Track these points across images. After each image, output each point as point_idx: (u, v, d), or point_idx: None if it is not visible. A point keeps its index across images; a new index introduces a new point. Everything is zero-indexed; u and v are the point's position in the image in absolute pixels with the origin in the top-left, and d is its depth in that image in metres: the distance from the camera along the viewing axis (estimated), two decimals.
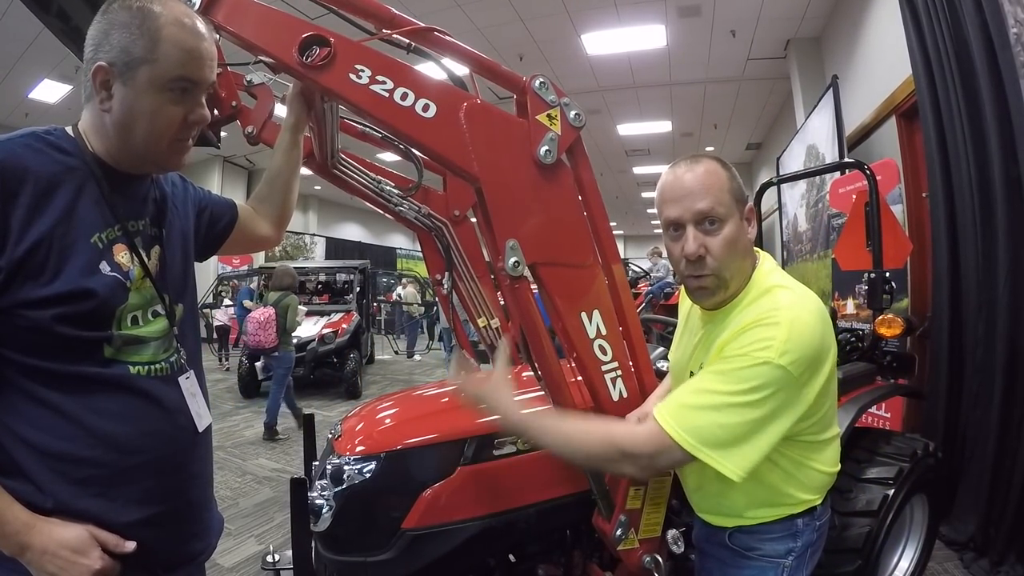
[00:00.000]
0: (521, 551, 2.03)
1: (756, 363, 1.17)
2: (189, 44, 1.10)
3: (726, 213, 1.30)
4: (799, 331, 1.19)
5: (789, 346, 1.16)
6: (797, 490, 1.39)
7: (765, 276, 1.36)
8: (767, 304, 1.26)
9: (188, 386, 1.24)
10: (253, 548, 3.63)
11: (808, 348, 1.19)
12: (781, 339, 1.17)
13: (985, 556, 3.11)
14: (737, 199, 1.32)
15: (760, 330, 1.20)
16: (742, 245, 1.33)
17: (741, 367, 1.18)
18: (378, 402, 2.28)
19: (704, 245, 1.30)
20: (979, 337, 3.30)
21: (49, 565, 1.00)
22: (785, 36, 7.50)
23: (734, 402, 1.17)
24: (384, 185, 2.51)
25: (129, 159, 1.15)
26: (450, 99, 1.33)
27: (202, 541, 1.30)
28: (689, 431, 1.19)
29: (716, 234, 1.30)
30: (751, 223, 1.36)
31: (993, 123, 3.10)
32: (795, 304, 1.24)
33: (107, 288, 1.08)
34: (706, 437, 1.18)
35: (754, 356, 1.17)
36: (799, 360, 1.17)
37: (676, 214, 1.34)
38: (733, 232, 1.30)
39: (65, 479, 1.05)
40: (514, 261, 1.34)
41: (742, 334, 1.23)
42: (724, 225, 1.30)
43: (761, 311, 1.25)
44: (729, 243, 1.30)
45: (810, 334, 1.20)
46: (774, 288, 1.30)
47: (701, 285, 1.35)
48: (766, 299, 1.28)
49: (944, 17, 3.49)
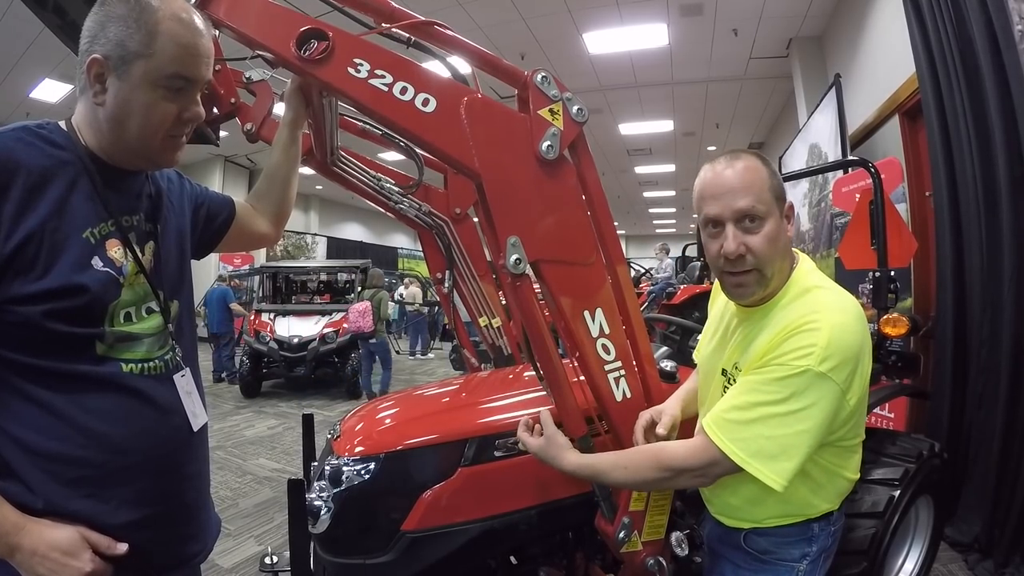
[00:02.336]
0: (522, 553, 2.01)
1: (797, 372, 1.17)
2: (186, 40, 1.08)
3: (767, 211, 1.27)
4: (839, 336, 1.18)
5: (830, 351, 1.16)
6: (821, 499, 1.40)
7: (804, 276, 1.34)
8: (807, 306, 1.25)
9: (184, 384, 1.22)
10: (253, 549, 3.61)
11: (849, 351, 1.18)
12: (821, 345, 1.16)
13: (990, 557, 3.09)
14: (777, 196, 1.30)
15: (800, 337, 1.19)
16: (782, 243, 1.31)
17: (783, 376, 1.18)
18: (378, 402, 2.26)
19: (744, 243, 1.27)
20: (984, 337, 3.28)
21: (39, 567, 0.98)
22: (787, 35, 7.48)
23: (779, 412, 1.18)
24: (385, 183, 2.50)
25: (122, 154, 1.13)
26: (450, 94, 1.31)
27: (198, 543, 1.28)
28: (737, 443, 1.21)
29: (756, 232, 1.27)
30: (790, 221, 1.34)
31: (998, 121, 3.08)
32: (835, 306, 1.23)
33: (99, 284, 1.06)
34: (753, 449, 1.20)
35: (794, 365, 1.17)
36: (840, 365, 1.16)
37: (716, 211, 1.30)
38: (773, 230, 1.28)
39: (56, 479, 1.03)
40: (516, 258, 1.32)
41: (783, 341, 1.22)
42: (764, 223, 1.27)
43: (801, 313, 1.23)
44: (770, 241, 1.27)
45: (851, 338, 1.19)
46: (813, 289, 1.30)
47: (740, 283, 1.33)
48: (806, 300, 1.28)
49: (948, 14, 3.47)
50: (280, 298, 10.40)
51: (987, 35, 3.11)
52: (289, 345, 8.31)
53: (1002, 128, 3.05)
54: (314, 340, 8.41)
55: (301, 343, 8.33)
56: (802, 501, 1.38)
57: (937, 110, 3.69)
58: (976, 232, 3.34)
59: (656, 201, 20.48)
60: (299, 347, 8.31)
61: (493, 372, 3.14)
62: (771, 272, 1.30)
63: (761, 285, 1.31)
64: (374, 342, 8.22)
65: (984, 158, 3.24)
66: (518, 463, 1.86)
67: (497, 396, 2.20)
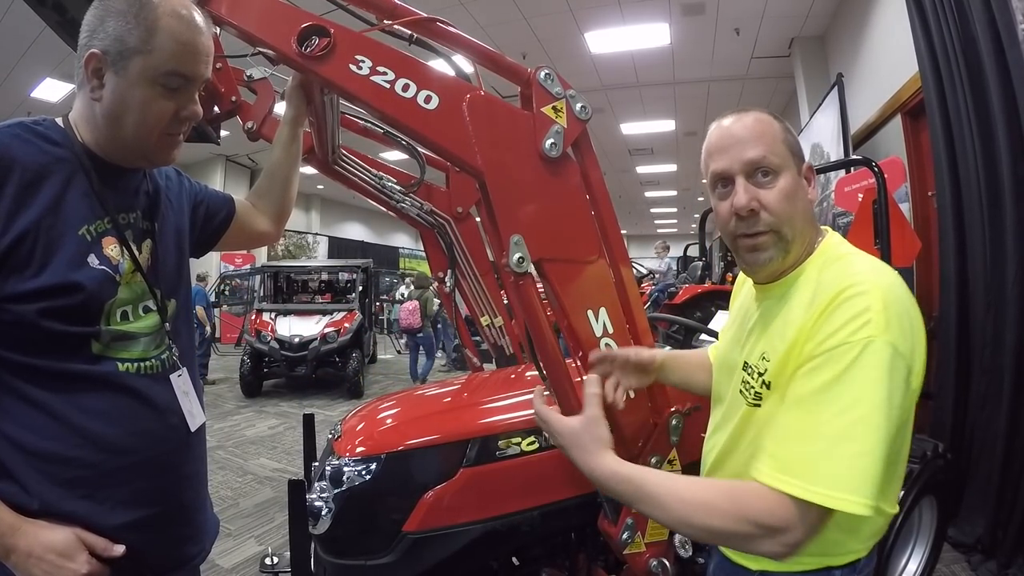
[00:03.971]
0: (525, 554, 2.00)
1: (859, 351, 0.91)
2: (185, 37, 1.07)
3: (780, 164, 1.10)
4: (894, 299, 0.95)
5: (889, 315, 0.92)
6: (853, 539, 1.11)
7: (834, 245, 1.14)
8: (842, 270, 1.03)
9: (180, 384, 1.21)
10: (253, 549, 3.61)
11: (906, 318, 0.96)
12: (877, 309, 0.92)
13: (993, 558, 3.08)
14: (793, 151, 1.13)
15: (848, 306, 0.95)
16: (802, 202, 1.12)
17: (844, 367, 0.91)
18: (379, 402, 2.25)
19: (757, 198, 1.10)
20: (987, 337, 3.27)
21: (35, 569, 0.97)
22: (789, 34, 7.47)
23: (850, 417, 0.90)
24: (386, 181, 2.49)
25: (118, 151, 1.12)
26: (453, 91, 1.30)
27: (196, 544, 1.27)
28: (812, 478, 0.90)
29: (770, 186, 1.10)
30: (811, 184, 1.16)
31: (1001, 120, 3.07)
32: (879, 268, 1.02)
33: (95, 281, 1.05)
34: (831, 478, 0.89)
35: (853, 342, 0.91)
36: (903, 335, 0.93)
37: (724, 165, 1.14)
38: (790, 185, 1.10)
39: (52, 480, 1.02)
40: (518, 257, 1.30)
41: (826, 317, 0.97)
42: (779, 177, 1.10)
43: (838, 278, 1.00)
44: (786, 196, 1.09)
45: (907, 304, 0.97)
46: (847, 255, 1.09)
47: (755, 245, 1.13)
48: (839, 265, 1.06)
49: (951, 13, 3.46)
50: (281, 298, 10.41)
51: (990, 34, 3.09)
52: (290, 345, 8.31)
53: (1005, 127, 3.04)
54: (315, 340, 8.41)
55: (302, 343, 8.34)
56: (829, 541, 1.07)
57: (940, 109, 3.69)
58: (979, 232, 3.33)
59: (657, 201, 20.46)
60: (300, 347, 8.31)
61: (495, 372, 3.13)
62: (791, 234, 1.10)
63: (780, 249, 1.11)
64: (421, 336, 9.37)
65: (987, 157, 3.22)
66: (520, 464, 1.85)
67: (499, 396, 2.19)
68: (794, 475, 0.91)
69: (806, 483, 0.89)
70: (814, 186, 1.17)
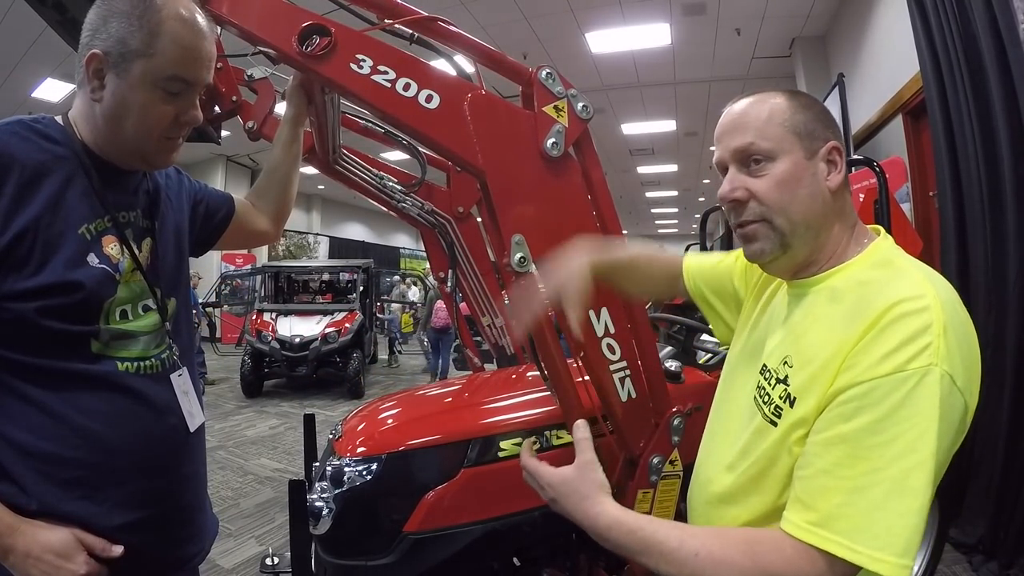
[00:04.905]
0: (526, 555, 1.99)
1: (915, 382, 0.76)
2: (188, 42, 1.07)
3: (773, 148, 0.98)
4: (956, 324, 0.80)
5: (950, 341, 0.77)
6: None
7: (887, 248, 0.99)
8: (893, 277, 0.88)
9: (180, 384, 1.20)
10: (254, 549, 3.61)
11: (967, 350, 0.81)
12: (938, 331, 0.77)
13: (994, 559, 3.08)
14: (799, 132, 0.98)
15: (902, 324, 0.79)
16: (806, 188, 0.97)
17: (897, 403, 0.77)
18: (380, 402, 2.25)
19: (746, 187, 1.00)
20: (988, 338, 3.26)
21: (33, 569, 0.96)
22: (790, 34, 7.46)
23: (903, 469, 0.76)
24: (387, 181, 2.49)
25: (117, 152, 1.12)
26: (454, 90, 1.30)
27: (195, 545, 1.26)
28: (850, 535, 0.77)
29: (761, 173, 0.99)
30: (838, 167, 0.99)
31: (1002, 120, 3.06)
32: (936, 280, 0.86)
33: (94, 280, 1.05)
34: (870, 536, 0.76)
35: (910, 371, 0.76)
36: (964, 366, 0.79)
37: (718, 155, 1.05)
38: (787, 171, 0.97)
39: (50, 480, 1.02)
40: (520, 257, 1.30)
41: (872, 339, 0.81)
42: (773, 163, 0.98)
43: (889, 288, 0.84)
44: (779, 184, 0.97)
45: (968, 332, 0.83)
46: (898, 259, 0.94)
47: (746, 235, 1.03)
48: (889, 272, 0.91)
49: (952, 13, 3.46)
50: (282, 298, 10.41)
51: (991, 34, 3.09)
52: (291, 345, 8.31)
53: (1007, 127, 3.04)
54: (316, 340, 8.42)
55: (303, 343, 8.34)
56: None
57: (941, 109, 3.68)
58: (980, 232, 3.33)
59: (658, 201, 20.44)
60: (301, 347, 8.31)
61: (496, 372, 3.12)
62: (786, 225, 0.98)
63: (774, 241, 1.00)
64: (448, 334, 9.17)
65: (988, 157, 3.22)
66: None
67: (500, 396, 2.18)
68: (834, 531, 0.78)
69: (849, 541, 0.76)
70: (841, 170, 1.00)
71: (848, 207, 1.03)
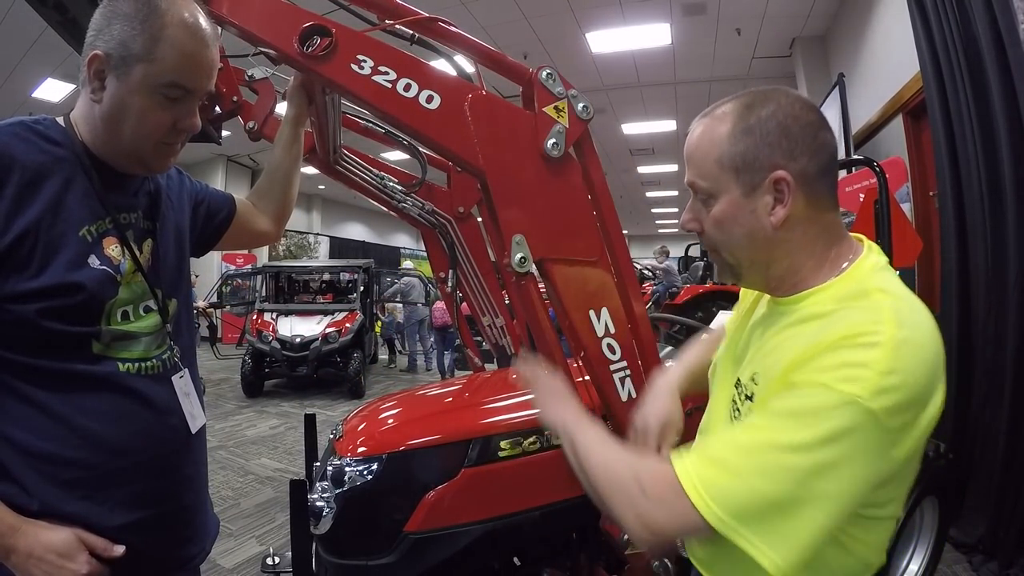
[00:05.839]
0: (526, 555, 2.00)
1: (837, 402, 0.79)
2: (190, 49, 1.06)
3: (710, 188, 0.98)
4: (906, 361, 0.80)
5: (889, 382, 0.78)
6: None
7: (867, 274, 0.95)
8: (863, 313, 0.87)
9: (181, 385, 1.20)
10: (254, 549, 3.60)
11: (915, 388, 0.81)
12: (879, 369, 0.78)
13: (994, 559, 3.07)
14: (736, 167, 0.95)
15: (850, 352, 0.82)
16: (743, 228, 0.97)
17: (815, 407, 0.80)
18: (380, 402, 2.25)
19: (698, 219, 1.03)
20: (988, 337, 3.26)
21: (35, 569, 0.97)
22: (790, 34, 7.46)
23: (798, 463, 0.79)
24: (388, 181, 2.49)
25: (115, 155, 1.12)
26: (454, 90, 1.31)
27: (195, 545, 1.26)
28: (722, 502, 0.81)
29: (708, 209, 1.00)
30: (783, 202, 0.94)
31: (1002, 120, 3.06)
32: (906, 319, 0.84)
33: (95, 282, 1.05)
34: (748, 513, 0.80)
35: (836, 390, 0.79)
36: (899, 406, 0.79)
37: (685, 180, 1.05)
38: (723, 211, 0.98)
39: (52, 481, 1.02)
40: (520, 257, 1.30)
41: (823, 352, 0.84)
42: (714, 201, 0.98)
43: (856, 322, 0.85)
44: (717, 222, 0.99)
45: (922, 368, 0.82)
46: (875, 292, 0.89)
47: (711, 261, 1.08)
48: (863, 303, 0.89)
49: (952, 13, 3.46)
50: (283, 298, 10.40)
51: (991, 34, 3.09)
52: (291, 345, 8.30)
53: (1007, 127, 3.04)
54: (316, 340, 8.40)
55: (303, 343, 8.33)
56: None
57: (941, 109, 3.68)
58: (981, 231, 3.33)
59: (659, 201, 20.43)
60: (301, 347, 8.30)
61: (496, 372, 3.13)
62: (733, 260, 1.02)
63: (728, 272, 1.04)
64: (452, 331, 9.30)
65: (988, 157, 3.22)
66: (522, 464, 1.85)
67: (500, 396, 2.19)
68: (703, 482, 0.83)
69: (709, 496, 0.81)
70: (788, 202, 0.93)
71: (816, 232, 0.98)
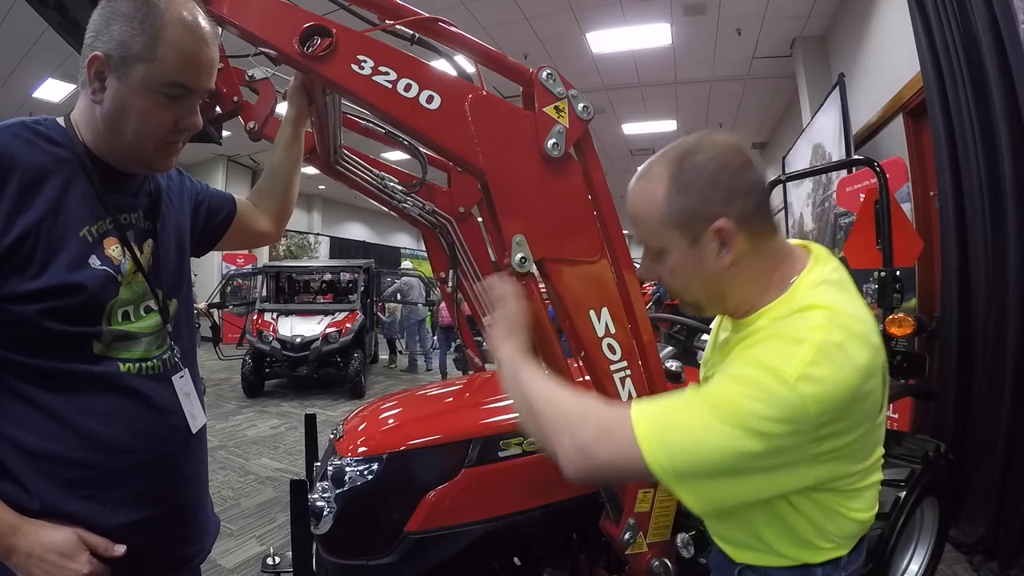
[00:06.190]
0: (527, 554, 2.00)
1: (765, 378, 0.88)
2: (190, 49, 1.06)
3: (660, 245, 1.08)
4: (831, 361, 0.88)
5: (813, 371, 0.86)
6: (822, 540, 1.09)
7: (805, 291, 1.02)
8: (793, 326, 0.95)
9: (182, 385, 1.21)
10: (255, 549, 3.61)
11: (839, 388, 0.88)
12: (804, 359, 0.87)
13: (995, 559, 3.08)
14: (678, 224, 1.04)
15: (779, 342, 0.93)
16: (696, 273, 1.07)
17: (745, 379, 0.91)
18: (381, 402, 2.25)
19: (654, 273, 1.13)
20: (989, 337, 3.27)
21: (36, 569, 0.97)
22: (791, 34, 7.45)
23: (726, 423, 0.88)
24: (388, 181, 2.49)
25: (116, 155, 1.12)
26: (455, 90, 1.30)
27: (196, 545, 1.27)
28: (661, 443, 0.92)
29: (660, 265, 1.11)
30: (728, 246, 1.03)
31: (1002, 120, 3.06)
32: (834, 325, 0.92)
33: (96, 282, 1.05)
34: (676, 456, 0.91)
35: (765, 367, 0.89)
36: (822, 399, 0.86)
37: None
38: (677, 264, 1.07)
39: (53, 481, 1.02)
40: (521, 257, 1.30)
41: (757, 343, 0.96)
42: (665, 256, 1.09)
43: (784, 330, 0.95)
44: (671, 272, 1.09)
45: (847, 371, 0.89)
46: (812, 308, 0.96)
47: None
48: (793, 319, 0.97)
49: (952, 13, 3.46)
50: (283, 298, 10.41)
51: (992, 34, 3.09)
52: (292, 345, 8.31)
53: (1007, 127, 3.04)
54: (317, 340, 8.41)
55: (304, 343, 8.34)
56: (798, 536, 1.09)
57: (942, 109, 3.68)
58: (981, 231, 3.33)
59: None
60: (302, 347, 8.31)
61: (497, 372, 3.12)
62: (693, 299, 1.14)
63: (695, 309, 1.16)
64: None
65: (989, 157, 3.22)
66: (522, 464, 1.86)
67: (501, 396, 2.18)
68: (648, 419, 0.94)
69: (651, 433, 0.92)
70: (732, 246, 1.02)
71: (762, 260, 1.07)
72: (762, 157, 13.07)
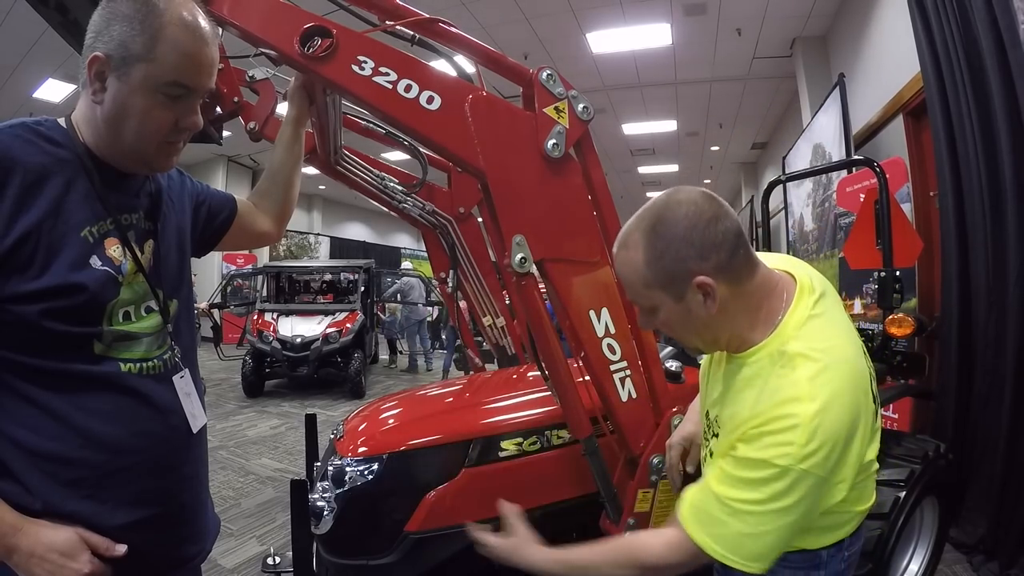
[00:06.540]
0: None
1: (776, 471, 1.02)
2: (189, 48, 1.06)
3: (650, 304, 1.17)
4: (821, 426, 1.01)
5: (810, 448, 1.01)
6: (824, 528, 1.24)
7: (788, 334, 1.13)
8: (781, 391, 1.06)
9: (183, 385, 1.21)
10: (255, 549, 3.60)
11: (835, 438, 1.03)
12: (800, 443, 1.00)
13: (995, 559, 3.07)
14: (662, 284, 1.12)
15: (777, 436, 1.03)
16: (687, 323, 1.17)
17: (762, 478, 1.04)
18: (381, 402, 2.25)
19: (651, 323, 1.21)
20: (989, 337, 3.26)
21: (37, 569, 0.97)
22: (791, 34, 7.45)
23: (759, 511, 1.05)
24: (388, 182, 2.49)
25: (117, 155, 1.12)
26: (455, 91, 1.31)
27: (196, 545, 1.27)
28: (716, 539, 1.08)
29: (655, 318, 1.19)
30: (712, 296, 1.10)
31: (1003, 121, 3.06)
32: (820, 390, 1.04)
33: (97, 282, 1.05)
34: (732, 545, 1.07)
35: (773, 464, 1.03)
36: (824, 458, 1.02)
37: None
38: (669, 316, 1.17)
39: (54, 480, 1.02)
40: (521, 257, 1.31)
41: (758, 434, 1.06)
42: (657, 311, 1.17)
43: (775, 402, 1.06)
44: (665, 325, 1.20)
45: (835, 424, 1.03)
46: (795, 359, 1.08)
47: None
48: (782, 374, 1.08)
49: (953, 14, 3.46)
50: (283, 298, 10.40)
51: (992, 34, 3.09)
52: (292, 345, 8.29)
53: (1007, 127, 3.04)
54: (317, 340, 8.40)
55: (304, 343, 8.32)
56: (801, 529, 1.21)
57: (942, 109, 3.67)
58: (981, 232, 3.33)
59: None
60: (302, 347, 8.30)
61: (497, 372, 3.13)
62: (694, 344, 1.24)
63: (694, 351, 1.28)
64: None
65: (989, 157, 3.22)
66: (523, 464, 1.85)
67: (501, 396, 2.19)
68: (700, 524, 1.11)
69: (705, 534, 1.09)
70: (715, 297, 1.10)
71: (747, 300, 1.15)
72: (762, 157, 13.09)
